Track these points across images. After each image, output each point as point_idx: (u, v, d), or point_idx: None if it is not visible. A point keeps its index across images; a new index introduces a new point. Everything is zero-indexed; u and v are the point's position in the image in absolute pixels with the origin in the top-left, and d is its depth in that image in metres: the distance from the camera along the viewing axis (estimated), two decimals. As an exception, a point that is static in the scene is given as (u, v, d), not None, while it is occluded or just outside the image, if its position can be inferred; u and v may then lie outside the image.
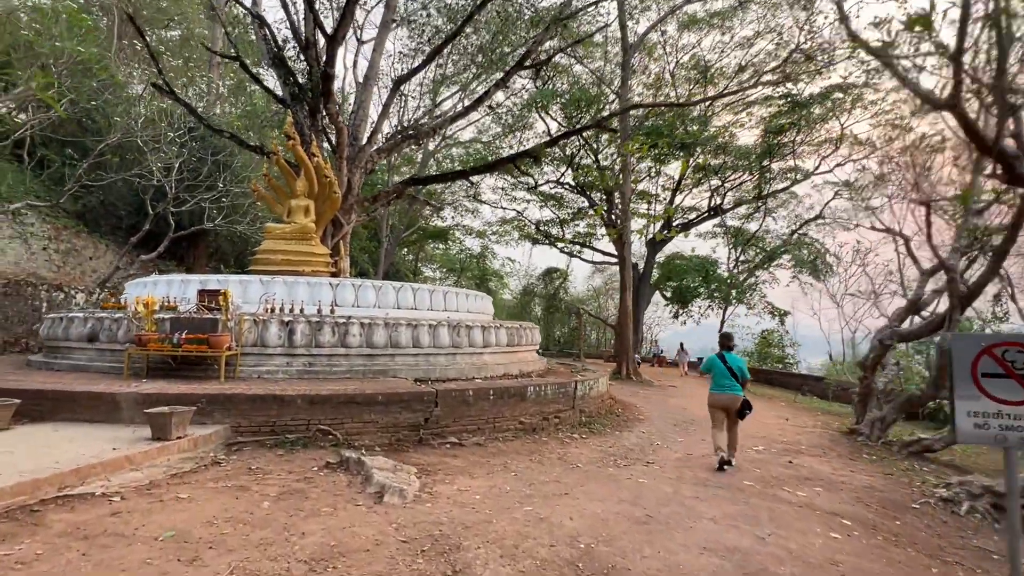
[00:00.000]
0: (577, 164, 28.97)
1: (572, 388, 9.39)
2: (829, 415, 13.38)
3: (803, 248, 22.34)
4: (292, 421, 6.91)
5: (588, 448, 7.81)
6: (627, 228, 18.66)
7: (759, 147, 24.31)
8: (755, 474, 6.75)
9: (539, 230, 33.48)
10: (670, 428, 9.85)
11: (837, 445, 9.22)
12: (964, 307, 9.45)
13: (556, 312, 43.28)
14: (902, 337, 10.00)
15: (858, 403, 10.26)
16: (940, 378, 9.54)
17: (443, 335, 9.54)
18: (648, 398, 14.09)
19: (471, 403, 7.88)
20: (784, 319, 22.83)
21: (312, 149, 11.23)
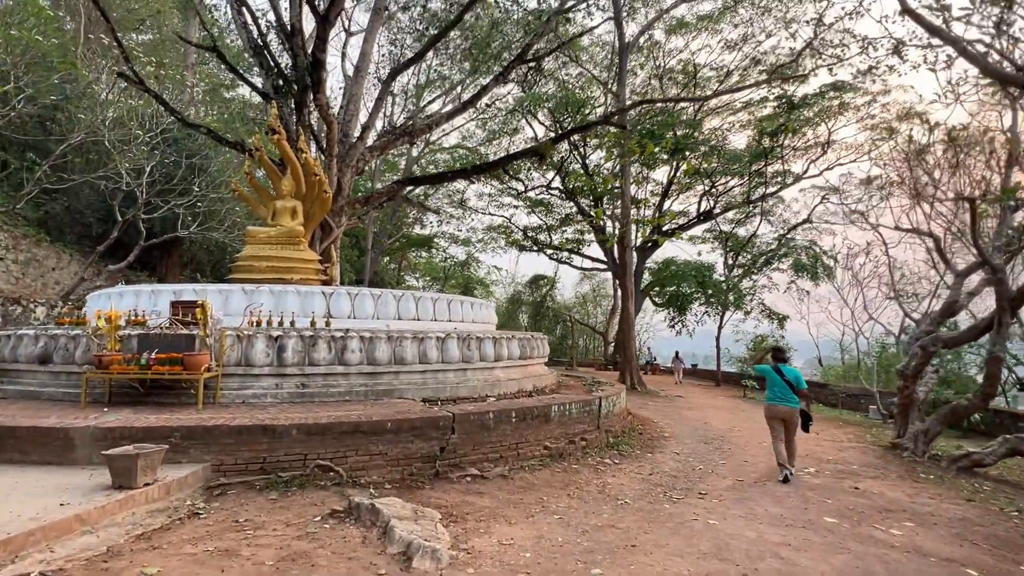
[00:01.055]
0: (566, 170, 28.17)
1: (597, 406, 8.36)
2: (852, 426, 12.58)
3: (802, 251, 21.74)
4: (286, 456, 5.73)
5: (627, 476, 6.77)
6: (628, 231, 17.79)
7: (750, 150, 23.75)
8: (829, 506, 5.79)
9: (527, 236, 32.52)
10: (702, 447, 8.87)
11: (887, 463, 8.34)
12: (1014, 310, 8.72)
13: (544, 320, 42.33)
14: (946, 343, 9.25)
15: (899, 414, 9.44)
16: (990, 386, 8.78)
17: (452, 349, 8.44)
18: (661, 411, 13.13)
19: (491, 427, 6.79)
20: (783, 323, 22.18)
21: (299, 145, 10.07)
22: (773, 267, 22.65)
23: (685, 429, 10.54)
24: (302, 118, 11.07)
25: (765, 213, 23.90)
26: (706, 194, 27.11)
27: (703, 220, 27.14)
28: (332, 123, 10.87)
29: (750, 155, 23.56)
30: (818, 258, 21.22)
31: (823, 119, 22.74)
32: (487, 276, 44.26)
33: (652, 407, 13.72)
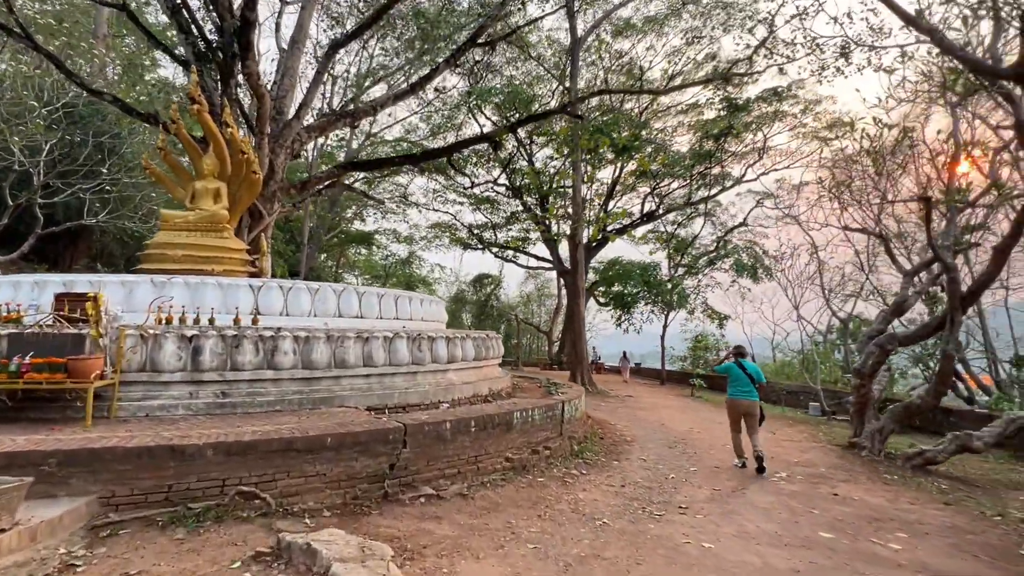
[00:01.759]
0: (513, 167, 27.52)
1: (559, 411, 7.65)
2: (800, 423, 12.57)
3: (742, 252, 22.09)
4: (199, 482, 4.64)
5: (599, 490, 6.09)
6: (580, 227, 17.28)
7: (693, 151, 24.00)
8: (818, 517, 5.33)
9: (472, 234, 31.62)
10: (667, 452, 8.36)
11: (850, 463, 8.13)
12: (965, 308, 8.75)
13: (488, 320, 41.58)
14: (902, 341, 9.22)
15: (855, 413, 9.34)
16: (942, 384, 8.78)
17: (401, 350, 7.48)
18: (616, 412, 12.64)
19: (448, 439, 5.92)
20: (724, 323, 22.47)
21: (225, 118, 8.77)
22: (716, 267, 22.90)
23: (645, 432, 10.05)
24: (228, 89, 9.70)
25: (708, 214, 24.19)
26: (650, 195, 27.26)
27: (646, 221, 27.25)
28: (264, 96, 9.59)
29: (692, 157, 23.80)
30: (758, 258, 21.60)
31: (760, 126, 23.28)
32: (430, 275, 43.00)
33: (606, 408, 13.23)
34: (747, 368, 7.54)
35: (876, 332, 10.06)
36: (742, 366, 7.57)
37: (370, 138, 31.72)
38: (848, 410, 14.79)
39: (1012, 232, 8.13)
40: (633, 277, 22.49)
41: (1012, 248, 8.34)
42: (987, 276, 8.52)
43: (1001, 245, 8.26)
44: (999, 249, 8.29)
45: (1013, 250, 8.38)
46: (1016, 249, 8.99)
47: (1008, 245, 8.24)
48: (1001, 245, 8.26)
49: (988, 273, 8.49)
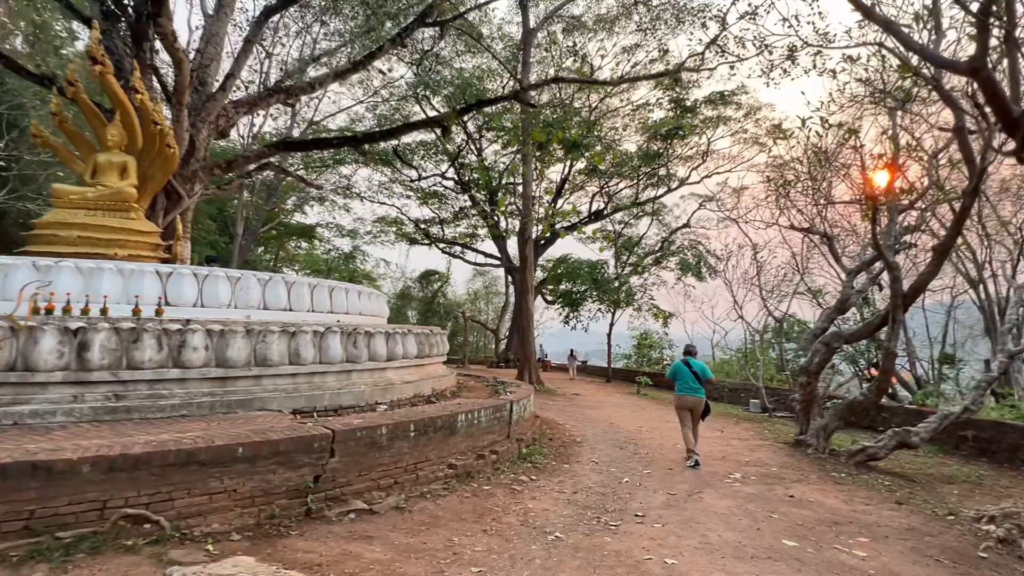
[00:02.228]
0: (462, 161, 26.83)
1: (507, 412, 7.11)
2: (744, 420, 12.61)
3: (687, 251, 22.36)
4: (72, 506, 3.79)
5: (549, 498, 5.59)
6: (529, 222, 16.84)
7: (641, 152, 24.13)
8: (778, 523, 5.04)
9: (418, 229, 30.66)
10: (618, 454, 7.99)
11: (799, 462, 8.03)
12: (906, 307, 8.86)
13: (434, 317, 40.67)
14: (847, 339, 9.27)
15: (801, 411, 9.32)
16: (884, 381, 8.85)
17: (334, 346, 6.72)
18: (564, 411, 12.26)
19: (384, 445, 5.26)
20: (668, 321, 22.68)
21: (135, 84, 7.66)
22: (662, 265, 23.08)
23: (595, 432, 9.68)
24: (141, 53, 8.54)
25: (655, 213, 24.36)
26: (598, 194, 27.28)
27: (595, 219, 27.26)
28: (182, 61, 8.47)
29: (641, 157, 23.93)
30: (702, 258, 21.91)
31: (705, 129, 23.67)
32: (375, 270, 41.59)
33: (554, 407, 12.83)
34: (693, 366, 7.69)
35: (820, 330, 10.11)
36: (689, 364, 7.72)
37: (312, 126, 30.19)
38: (792, 407, 15.10)
39: (951, 232, 8.25)
40: (581, 275, 22.34)
41: (951, 248, 8.49)
42: (927, 275, 8.65)
43: (941, 246, 8.39)
44: (939, 250, 8.41)
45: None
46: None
47: (947, 245, 8.38)
48: (941, 246, 8.39)
49: (928, 272, 8.63)
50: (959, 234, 8.18)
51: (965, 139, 7.85)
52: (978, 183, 7.80)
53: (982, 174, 7.81)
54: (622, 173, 25.16)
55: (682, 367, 7.74)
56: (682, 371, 7.71)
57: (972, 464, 9.72)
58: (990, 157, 8.49)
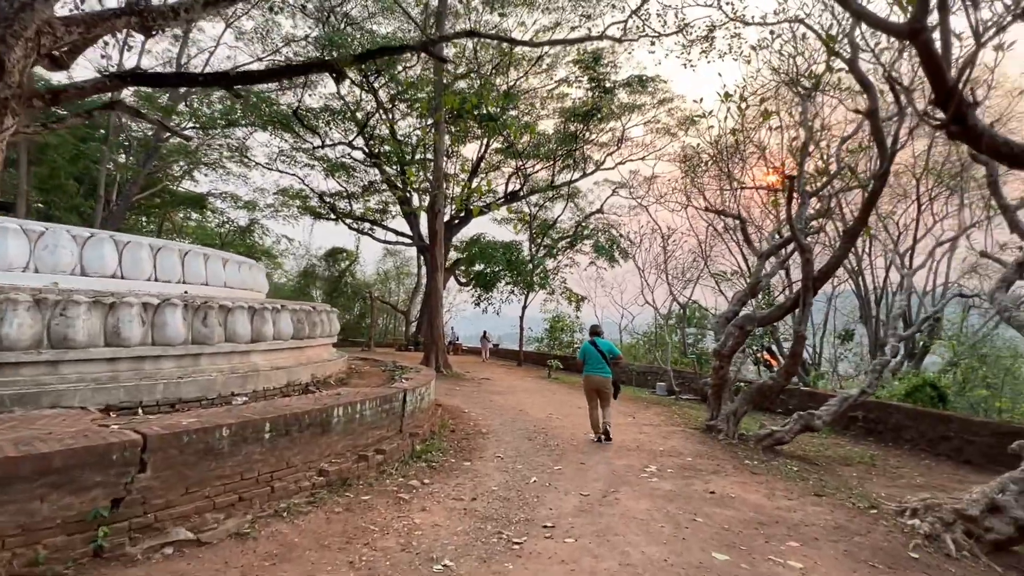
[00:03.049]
0: (372, 131, 24.84)
1: (400, 402, 5.99)
2: (653, 404, 12.33)
3: (601, 234, 22.10)
4: None
5: (443, 508, 4.57)
6: (440, 195, 15.55)
7: (559, 134, 23.52)
8: (703, 528, 4.36)
9: (324, 202, 28.25)
10: (527, 446, 7.13)
11: (712, 449, 7.60)
12: (816, 289, 8.71)
13: (341, 297, 38.21)
14: (760, 322, 9.01)
15: (712, 395, 8.99)
16: (793, 364, 8.68)
17: (173, 323, 5.23)
18: (472, 397, 11.29)
19: (225, 452, 3.98)
20: (580, 305, 22.39)
21: None
22: (576, 248, 22.70)
23: (502, 421, 8.79)
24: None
25: (571, 197, 23.89)
26: (515, 174, 26.42)
27: (510, 200, 26.42)
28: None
29: (558, 139, 23.30)
30: (615, 241, 21.75)
31: (621, 114, 23.45)
32: (276, 246, 38.28)
33: (461, 393, 11.83)
34: (600, 346, 7.60)
35: (732, 313, 9.85)
36: (596, 344, 7.62)
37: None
38: (697, 390, 15.19)
39: (861, 216, 8.12)
40: (495, 256, 21.41)
41: (860, 232, 8.38)
42: (836, 259, 8.51)
43: (851, 229, 8.25)
44: (849, 233, 8.27)
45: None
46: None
47: (857, 229, 8.24)
48: (851, 229, 8.25)
49: (838, 256, 8.49)
50: (868, 218, 8.07)
51: (877, 122, 7.65)
52: (888, 167, 7.64)
53: (892, 158, 7.66)
54: (539, 154, 24.45)
55: (590, 348, 7.62)
56: (590, 352, 7.60)
57: (862, 444, 9.95)
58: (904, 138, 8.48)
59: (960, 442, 9.20)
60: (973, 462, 8.83)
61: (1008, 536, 4.48)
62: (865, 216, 8.20)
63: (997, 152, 4.84)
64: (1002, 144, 4.75)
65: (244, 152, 27.95)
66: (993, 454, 8.71)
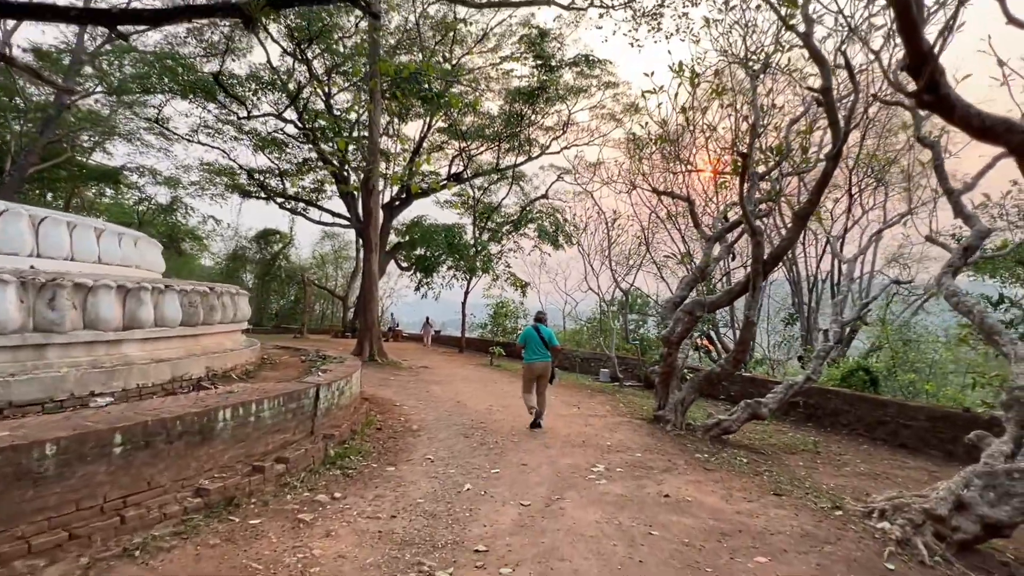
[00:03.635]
0: (304, 103, 23.00)
1: (311, 398, 5.04)
2: (598, 392, 11.82)
3: (546, 218, 21.46)
4: None
5: (351, 530, 3.70)
6: (376, 170, 14.33)
7: (504, 115, 22.61)
8: (659, 544, 3.71)
9: (252, 179, 26.11)
10: (462, 444, 6.32)
11: (661, 442, 7.09)
12: (767, 273, 8.35)
13: (275, 282, 35.91)
14: (709, 307, 8.57)
15: (660, 384, 8.50)
16: (741, 351, 8.31)
17: (3, 305, 4.03)
18: (406, 388, 10.37)
19: (50, 476, 2.94)
20: (525, 290, 21.75)
21: None
22: (521, 232, 21.96)
23: (438, 414, 7.95)
24: None
25: (515, 179, 23.08)
26: (458, 156, 25.30)
27: (454, 182, 25.31)
28: None
29: (503, 119, 22.39)
30: (559, 226, 21.19)
31: (567, 96, 22.79)
32: (202, 227, 35.41)
33: (395, 383, 10.88)
34: (543, 332, 7.57)
35: (680, 298, 9.40)
36: (539, 330, 7.59)
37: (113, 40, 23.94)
38: (641, 376, 14.88)
39: (812, 198, 7.77)
40: (436, 239, 20.35)
41: (811, 215, 8.05)
42: (787, 242, 8.16)
43: (802, 211, 7.88)
44: (800, 215, 7.91)
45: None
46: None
47: (808, 211, 7.89)
48: (802, 211, 7.88)
49: (789, 238, 8.14)
50: (820, 199, 7.74)
51: (831, 100, 7.25)
52: (841, 147, 7.29)
53: (846, 137, 7.30)
54: (484, 136, 23.45)
55: (532, 333, 7.58)
56: (532, 337, 7.55)
57: (803, 429, 9.82)
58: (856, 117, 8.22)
59: (896, 426, 9.17)
60: (908, 446, 8.80)
61: (974, 535, 4.12)
62: (817, 197, 7.86)
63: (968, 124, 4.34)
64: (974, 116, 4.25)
65: (163, 123, 25.35)
66: (927, 437, 8.72)
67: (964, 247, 7.12)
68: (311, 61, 20.84)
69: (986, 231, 6.93)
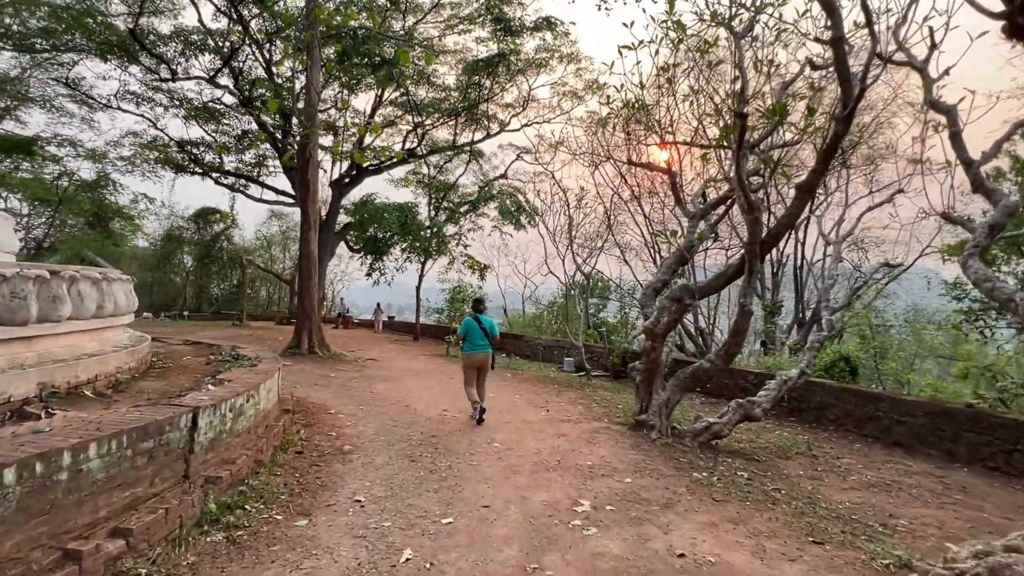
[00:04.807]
0: (240, 70, 20.49)
1: (183, 430, 3.43)
2: (565, 387, 10.50)
3: (506, 197, 19.91)
4: None
5: None
6: (314, 138, 12.43)
7: (461, 86, 20.78)
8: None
9: (184, 152, 23.36)
10: (407, 473, 4.83)
11: (650, 456, 5.84)
12: (763, 255, 7.16)
13: (215, 264, 33.05)
14: (699, 292, 7.33)
15: (642, 382, 7.24)
16: (736, 344, 7.11)
17: None
18: (347, 388, 8.75)
19: None
20: (484, 274, 20.23)
21: None
22: (480, 212, 20.34)
23: (380, 425, 6.42)
24: None
25: (475, 156, 21.33)
26: (412, 132, 23.33)
27: (407, 159, 23.37)
28: None
29: (460, 89, 20.58)
30: (521, 206, 19.70)
31: (527, 68, 21.14)
32: (134, 206, 32.03)
33: (335, 381, 9.24)
34: (483, 322, 7.27)
35: (661, 283, 8.16)
36: (479, 320, 7.26)
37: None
38: (607, 366, 13.71)
39: (819, 167, 6.60)
40: (387, 218, 18.49)
41: (817, 185, 6.89)
42: (788, 218, 6.96)
43: (807, 182, 6.70)
44: (805, 187, 6.73)
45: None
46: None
47: (813, 182, 6.73)
48: (807, 182, 6.70)
49: (790, 214, 6.94)
50: (827, 168, 6.60)
51: (843, 53, 6.02)
52: (855, 106, 6.10)
53: (860, 96, 6.10)
54: (440, 109, 21.56)
55: (473, 323, 7.23)
56: (473, 328, 7.21)
57: (787, 426, 8.86)
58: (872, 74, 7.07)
59: (889, 422, 8.28)
60: (903, 444, 7.91)
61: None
62: (824, 167, 6.70)
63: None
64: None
65: (75, 84, 22.18)
66: (924, 436, 7.81)
67: (990, 225, 6.04)
68: (248, 22, 18.40)
69: (1014, 206, 5.85)
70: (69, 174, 28.77)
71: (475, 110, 19.44)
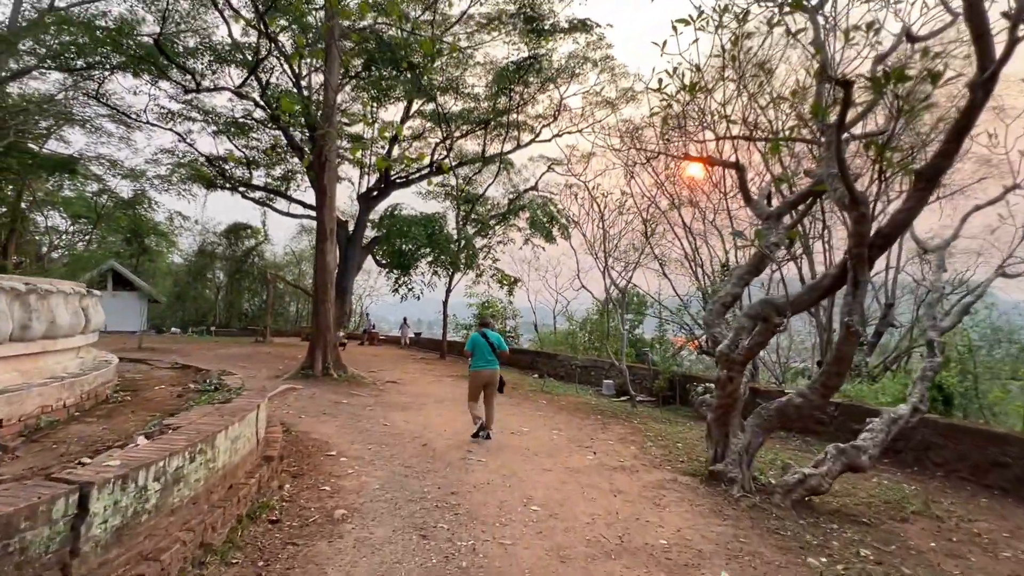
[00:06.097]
0: (267, 81, 19.90)
1: (57, 521, 2.12)
2: (610, 417, 8.94)
3: (539, 208, 18.55)
4: None
5: None
6: (331, 140, 11.38)
7: (490, 95, 19.67)
8: None
9: (212, 166, 22.90)
10: (413, 550, 3.42)
11: (739, 528, 4.28)
12: (872, 260, 5.56)
13: (246, 279, 32.61)
14: (791, 308, 5.78)
15: (715, 421, 5.68)
16: (838, 374, 5.49)
17: None
18: (359, 418, 7.43)
19: None
20: (513, 288, 18.85)
21: None
22: (510, 223, 19.03)
23: (388, 472, 5.04)
24: None
25: (505, 166, 20.08)
26: (441, 144, 22.36)
27: (436, 172, 22.37)
28: None
29: (488, 97, 19.47)
30: (554, 217, 18.31)
31: (557, 78, 19.90)
32: (168, 224, 32.05)
33: (346, 410, 7.94)
34: (490, 338, 7.08)
35: (732, 297, 6.62)
36: (486, 336, 7.09)
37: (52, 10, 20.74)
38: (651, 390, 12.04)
39: (948, 147, 5.02)
40: (413, 230, 17.35)
41: (944, 171, 5.32)
42: (908, 213, 5.33)
43: (930, 169, 5.13)
44: (928, 175, 5.14)
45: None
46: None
47: (940, 168, 5.16)
48: (930, 169, 5.13)
49: (910, 208, 5.31)
50: (959, 149, 5.01)
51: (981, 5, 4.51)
52: (998, 69, 4.54)
53: (1009, 53, 4.52)
54: (469, 119, 20.51)
55: (480, 339, 7.04)
56: (480, 343, 7.00)
57: (883, 471, 7.16)
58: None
59: (1021, 471, 6.51)
60: (1042, 501, 6.14)
61: None
62: (956, 147, 5.10)
63: None
64: None
65: (109, 102, 21.97)
66: (1076, 491, 6.05)
67: None
68: (276, 34, 17.78)
69: None
70: (108, 191, 28.91)
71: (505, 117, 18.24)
